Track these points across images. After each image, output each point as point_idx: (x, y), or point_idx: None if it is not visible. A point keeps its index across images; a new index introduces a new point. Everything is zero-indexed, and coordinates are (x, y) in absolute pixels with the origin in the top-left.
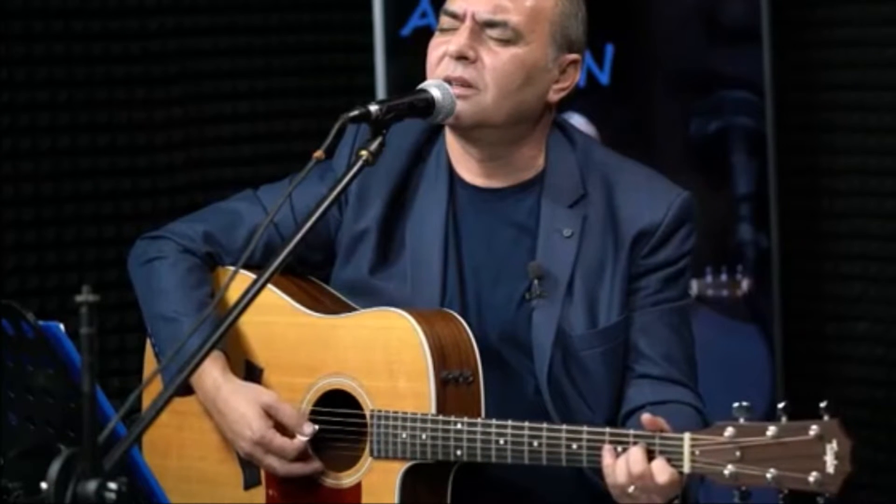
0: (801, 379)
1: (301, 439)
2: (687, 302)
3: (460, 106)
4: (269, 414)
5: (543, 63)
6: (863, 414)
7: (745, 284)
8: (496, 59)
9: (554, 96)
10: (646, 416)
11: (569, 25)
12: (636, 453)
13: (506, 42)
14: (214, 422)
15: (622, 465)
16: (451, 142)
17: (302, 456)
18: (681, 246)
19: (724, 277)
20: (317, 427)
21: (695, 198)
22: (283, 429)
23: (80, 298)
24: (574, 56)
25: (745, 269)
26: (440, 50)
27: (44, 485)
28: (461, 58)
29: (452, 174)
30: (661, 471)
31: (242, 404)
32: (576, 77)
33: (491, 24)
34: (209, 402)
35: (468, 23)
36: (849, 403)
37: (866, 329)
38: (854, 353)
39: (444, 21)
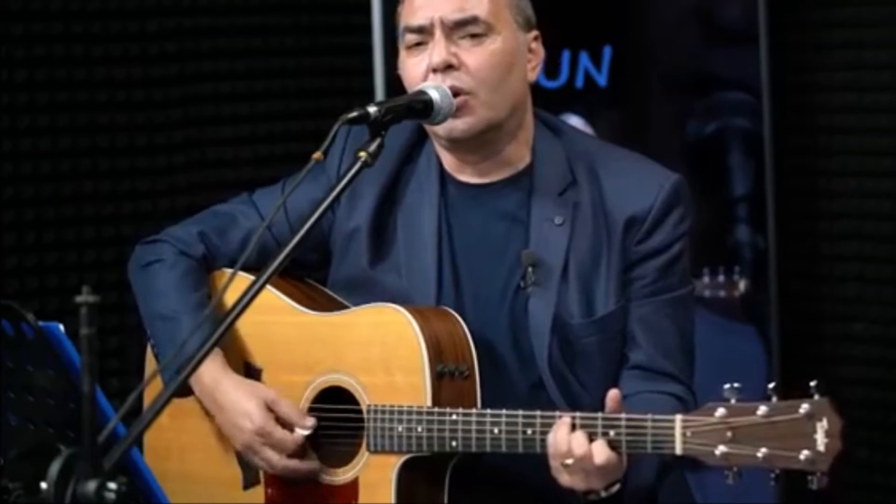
0: (798, 380)
1: (301, 433)
2: (686, 290)
3: (462, 120)
4: (269, 408)
5: (516, 48)
6: (860, 414)
7: (742, 285)
8: (478, 59)
9: (531, 75)
10: (612, 392)
11: (523, 6)
12: (579, 437)
13: (480, 38)
14: (212, 418)
15: (563, 442)
16: (441, 148)
17: (299, 453)
18: (675, 230)
19: (721, 278)
20: (316, 421)
21: (685, 181)
22: (282, 424)
23: (79, 299)
24: (535, 32)
25: (743, 269)
26: (420, 67)
27: (44, 485)
28: (447, 68)
29: (443, 172)
30: (600, 452)
31: (243, 398)
32: (541, 51)
33: (461, 24)
34: (207, 397)
35: (439, 30)
36: (846, 404)
37: (863, 330)
38: (851, 353)
39: (410, 38)
